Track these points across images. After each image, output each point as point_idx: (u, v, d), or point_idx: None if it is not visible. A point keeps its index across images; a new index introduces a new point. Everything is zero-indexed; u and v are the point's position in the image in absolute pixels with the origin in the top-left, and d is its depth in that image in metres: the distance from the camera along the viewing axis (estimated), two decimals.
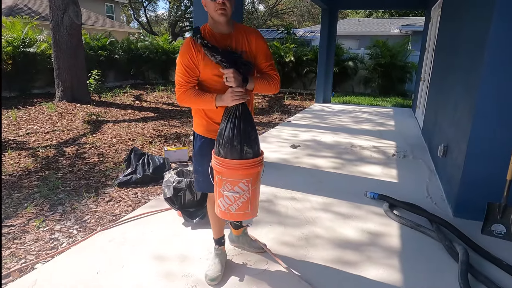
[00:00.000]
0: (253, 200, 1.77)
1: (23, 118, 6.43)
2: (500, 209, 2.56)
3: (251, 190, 1.73)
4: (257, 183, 1.75)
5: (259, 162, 1.73)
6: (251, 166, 1.69)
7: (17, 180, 3.57)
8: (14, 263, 2.17)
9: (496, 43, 2.47)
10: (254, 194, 1.76)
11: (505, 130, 2.55)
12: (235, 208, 1.74)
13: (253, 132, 1.71)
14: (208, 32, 1.78)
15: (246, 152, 1.68)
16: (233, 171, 1.68)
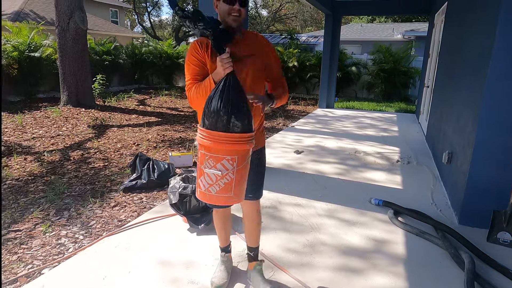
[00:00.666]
0: (238, 183, 1.58)
1: (28, 123, 6.48)
2: (505, 217, 2.55)
3: (236, 171, 1.55)
4: (243, 163, 1.57)
5: (248, 138, 1.55)
6: (237, 141, 1.52)
7: (23, 185, 3.59)
8: (21, 268, 2.19)
9: (501, 52, 2.48)
10: (239, 176, 1.57)
11: (508, 138, 2.55)
12: (216, 190, 1.57)
13: (244, 104, 1.55)
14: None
15: (234, 125, 1.52)
16: (217, 144, 1.51)
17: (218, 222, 2.05)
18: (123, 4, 23.87)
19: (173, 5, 1.61)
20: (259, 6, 31.47)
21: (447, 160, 3.53)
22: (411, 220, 2.87)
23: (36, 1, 14.53)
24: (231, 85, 1.53)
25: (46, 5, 14.70)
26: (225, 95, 1.51)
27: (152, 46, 13.74)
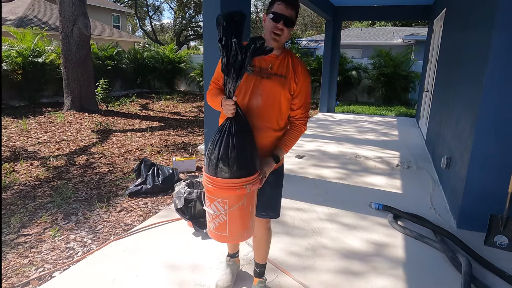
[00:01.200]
0: (232, 225, 1.63)
1: (33, 128, 6.57)
2: (502, 221, 2.62)
3: (228, 213, 1.60)
4: (236, 206, 1.59)
5: (237, 185, 1.55)
6: (224, 187, 1.55)
7: (30, 190, 3.67)
8: (33, 271, 2.26)
9: (496, 60, 2.56)
10: (232, 218, 1.61)
11: (506, 143, 2.62)
12: (213, 227, 1.66)
13: (236, 151, 1.55)
14: None
15: (221, 169, 1.55)
16: (207, 186, 1.60)
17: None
18: (125, 9, 24.07)
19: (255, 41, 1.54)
20: (259, 10, 31.68)
21: (446, 165, 3.60)
22: (410, 224, 2.94)
23: (39, 7, 14.69)
24: (226, 132, 1.57)
25: (49, 10, 14.86)
26: (219, 140, 1.56)
27: (154, 50, 13.86)
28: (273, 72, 1.70)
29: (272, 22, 1.63)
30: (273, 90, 1.69)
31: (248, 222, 1.67)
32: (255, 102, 1.69)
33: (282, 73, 1.71)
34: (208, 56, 3.05)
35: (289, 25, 1.64)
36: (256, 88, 1.68)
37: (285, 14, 1.61)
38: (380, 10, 8.34)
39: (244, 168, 1.57)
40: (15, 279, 2.18)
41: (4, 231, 2.78)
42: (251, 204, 1.66)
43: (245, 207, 1.62)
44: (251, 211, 1.67)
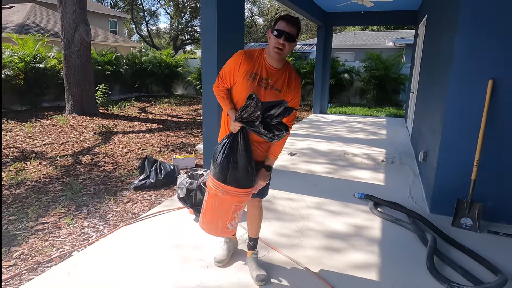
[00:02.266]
0: (205, 213, 2.03)
1: (37, 131, 6.86)
2: (467, 204, 2.97)
3: (205, 201, 2.02)
4: (210, 201, 1.99)
5: (215, 185, 1.94)
6: (209, 180, 1.98)
7: (42, 186, 3.98)
8: (54, 251, 2.57)
9: (459, 62, 2.92)
10: (207, 208, 2.01)
11: (468, 136, 2.98)
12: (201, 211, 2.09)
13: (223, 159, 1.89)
14: (262, 57, 1.95)
15: (211, 165, 1.96)
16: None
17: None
18: (122, 14, 24.40)
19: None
20: (255, 14, 32.15)
21: (423, 158, 3.95)
22: (388, 210, 3.28)
23: (38, 14, 14.99)
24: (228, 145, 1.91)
25: (48, 17, 15.15)
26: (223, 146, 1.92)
27: (152, 55, 14.20)
28: (271, 84, 1.91)
29: (275, 38, 1.84)
30: (269, 100, 1.90)
31: (216, 221, 2.02)
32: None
33: (278, 87, 1.93)
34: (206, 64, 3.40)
35: (290, 41, 1.84)
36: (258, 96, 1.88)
37: (287, 31, 1.82)
38: (369, 15, 8.74)
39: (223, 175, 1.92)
40: (39, 257, 2.49)
41: (23, 220, 3.09)
42: (222, 209, 1.98)
43: (215, 207, 1.99)
44: (220, 214, 2.00)
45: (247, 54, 1.94)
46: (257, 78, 1.91)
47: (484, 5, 2.78)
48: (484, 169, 2.98)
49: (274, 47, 1.84)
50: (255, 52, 1.95)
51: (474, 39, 2.85)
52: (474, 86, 2.91)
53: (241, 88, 1.93)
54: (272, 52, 1.86)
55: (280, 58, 1.89)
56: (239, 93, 1.96)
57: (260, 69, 1.91)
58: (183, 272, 2.29)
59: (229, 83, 1.98)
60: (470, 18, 2.84)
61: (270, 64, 1.93)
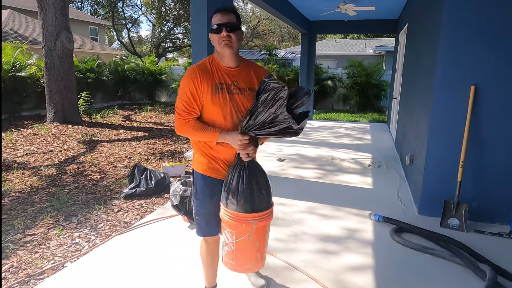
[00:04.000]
0: (239, 255, 1.76)
1: (18, 140, 6.66)
2: (454, 205, 3.08)
3: (235, 243, 1.73)
4: (241, 239, 1.71)
5: (242, 219, 1.68)
6: (231, 218, 1.69)
7: (27, 196, 3.86)
8: (46, 263, 2.50)
9: (442, 68, 3.05)
10: (240, 248, 1.74)
11: (453, 139, 3.10)
12: (224, 253, 1.81)
13: (245, 187, 1.67)
14: (215, 64, 1.73)
15: (230, 201, 1.69)
16: (221, 215, 1.76)
17: (206, 257, 1.96)
18: (102, 21, 24.09)
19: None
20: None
21: (410, 162, 4.07)
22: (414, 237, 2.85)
23: (16, 20, 14.61)
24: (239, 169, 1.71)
25: (26, 24, 14.79)
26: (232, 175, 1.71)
27: (134, 62, 14.06)
28: (240, 87, 1.73)
29: (216, 34, 1.65)
30: (246, 104, 1.73)
31: (255, 255, 1.78)
32: (235, 118, 1.73)
33: (250, 86, 1.76)
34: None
35: (234, 30, 1.65)
36: (235, 106, 1.72)
37: (225, 21, 1.64)
38: (351, 24, 8.97)
39: (251, 204, 1.69)
40: (30, 270, 2.42)
41: (10, 232, 2.99)
42: (259, 238, 1.76)
43: (252, 241, 1.72)
44: (258, 246, 1.76)
45: (200, 68, 1.70)
46: (224, 87, 1.70)
47: (466, 13, 2.93)
48: (468, 170, 3.11)
49: (219, 42, 1.65)
50: (205, 62, 1.74)
51: (456, 46, 2.99)
52: (457, 91, 3.04)
53: (213, 108, 1.68)
54: (221, 48, 1.67)
55: (233, 52, 1.69)
56: (212, 115, 1.71)
57: (221, 76, 1.71)
58: (180, 281, 2.27)
59: (198, 109, 1.70)
60: (452, 26, 2.97)
61: (227, 65, 1.73)
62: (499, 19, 2.85)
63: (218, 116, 1.71)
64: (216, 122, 1.71)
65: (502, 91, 2.95)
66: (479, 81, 2.98)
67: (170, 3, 26.73)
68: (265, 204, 1.75)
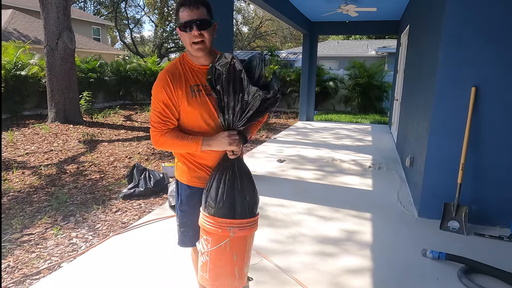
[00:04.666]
0: (213, 266, 1.54)
1: (19, 139, 6.67)
2: (454, 208, 3.05)
3: (210, 252, 1.52)
4: (218, 247, 1.51)
5: (219, 225, 1.49)
6: (207, 223, 1.51)
7: (26, 196, 3.86)
8: (42, 263, 2.49)
9: (443, 70, 3.03)
10: (214, 259, 1.53)
11: (453, 141, 3.08)
12: (199, 265, 1.60)
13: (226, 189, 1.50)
14: (187, 64, 1.55)
15: (208, 204, 1.52)
16: (200, 219, 1.57)
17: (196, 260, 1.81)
18: (105, 22, 24.17)
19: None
20: (240, 23, 32.42)
21: (410, 164, 4.05)
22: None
23: (18, 20, 14.67)
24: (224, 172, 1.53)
25: (29, 24, 14.85)
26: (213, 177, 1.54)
27: (136, 63, 14.08)
28: None
29: (186, 33, 1.44)
30: None
31: (231, 268, 1.55)
32: (217, 120, 1.57)
33: None
34: None
35: (205, 27, 1.44)
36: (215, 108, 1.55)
37: (195, 18, 1.42)
38: (353, 25, 8.95)
39: (230, 209, 1.50)
40: (26, 270, 2.41)
41: (7, 232, 2.98)
42: (237, 251, 1.54)
43: (228, 251, 1.52)
44: (235, 260, 1.55)
45: (171, 71, 1.52)
46: (201, 88, 1.53)
47: (467, 15, 2.90)
48: (468, 173, 3.08)
49: (191, 44, 1.46)
50: (176, 64, 1.55)
51: (457, 48, 2.97)
52: (458, 93, 3.02)
53: (191, 113, 1.52)
54: (193, 51, 1.48)
55: (207, 52, 1.51)
56: (191, 121, 1.54)
57: (196, 76, 1.53)
58: (177, 283, 2.26)
59: (175, 118, 1.53)
60: (454, 26, 2.95)
61: (201, 64, 1.55)
62: (502, 19, 2.83)
63: (198, 121, 1.54)
64: (196, 128, 1.55)
65: (503, 92, 2.92)
66: (479, 82, 2.95)
67: (172, 3, 26.77)
68: (248, 212, 1.54)
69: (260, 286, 2.22)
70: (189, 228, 1.69)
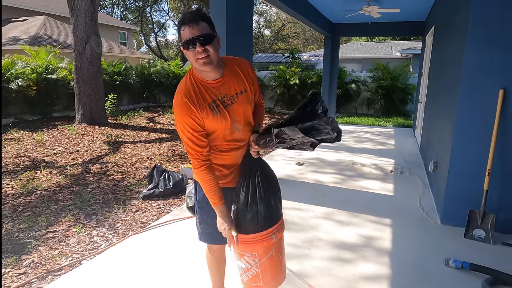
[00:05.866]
0: (265, 274, 1.64)
1: (48, 140, 6.96)
2: (479, 215, 2.92)
3: (260, 265, 1.61)
4: (265, 257, 1.60)
5: (263, 237, 1.57)
6: (251, 242, 1.57)
7: (52, 194, 4.01)
8: (64, 260, 2.59)
9: (469, 71, 2.91)
10: (265, 268, 1.62)
11: (479, 146, 2.95)
12: (246, 279, 1.68)
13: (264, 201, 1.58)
14: (198, 81, 1.53)
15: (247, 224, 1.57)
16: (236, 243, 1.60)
17: (213, 265, 1.93)
18: (131, 26, 24.90)
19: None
20: (261, 26, 32.53)
21: (433, 169, 3.91)
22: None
23: (50, 26, 15.36)
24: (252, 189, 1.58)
25: (60, 29, 15.52)
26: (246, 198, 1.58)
27: (160, 66, 14.40)
28: (232, 94, 1.57)
29: (189, 51, 1.43)
30: (243, 109, 1.62)
31: (280, 268, 1.70)
32: (237, 129, 1.62)
33: (240, 89, 1.60)
34: None
35: (208, 42, 1.42)
36: (233, 117, 1.58)
37: (196, 35, 1.40)
38: (375, 26, 8.79)
39: (271, 218, 1.61)
40: (49, 266, 2.51)
41: (33, 228, 3.11)
42: (280, 251, 1.68)
43: (275, 255, 1.63)
44: (280, 258, 1.68)
45: (188, 95, 1.50)
46: (219, 103, 1.54)
47: (493, 14, 2.78)
48: (495, 179, 2.94)
49: (196, 60, 1.44)
50: (188, 86, 1.53)
51: (483, 49, 2.84)
52: (484, 96, 2.89)
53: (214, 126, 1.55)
54: (200, 66, 1.46)
55: (214, 66, 1.49)
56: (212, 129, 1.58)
57: (211, 93, 1.53)
58: (192, 282, 2.28)
59: (206, 139, 1.57)
60: (480, 28, 2.83)
61: (212, 79, 1.54)
62: None
63: (219, 130, 1.58)
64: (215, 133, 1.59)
65: None
66: (508, 85, 2.82)
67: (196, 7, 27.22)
68: (279, 211, 1.66)
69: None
70: (208, 225, 1.75)
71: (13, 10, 16.35)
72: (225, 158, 1.67)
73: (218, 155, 1.65)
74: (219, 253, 1.89)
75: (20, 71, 9.02)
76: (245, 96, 1.62)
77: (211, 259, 1.90)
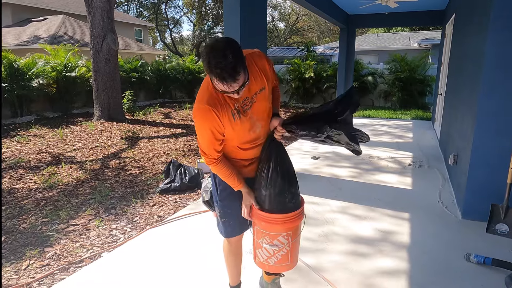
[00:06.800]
0: (293, 252, 1.72)
1: (68, 136, 7.15)
2: (502, 210, 2.82)
3: (291, 243, 1.67)
4: (297, 235, 1.70)
5: (300, 214, 1.67)
6: (291, 220, 1.63)
7: (73, 189, 4.13)
8: (84, 252, 2.66)
9: (491, 61, 2.80)
10: (294, 246, 1.70)
11: (502, 139, 2.85)
12: (274, 261, 1.71)
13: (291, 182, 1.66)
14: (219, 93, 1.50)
15: (289, 202, 1.63)
16: (273, 225, 1.63)
17: (231, 258, 1.94)
18: (146, 23, 25.16)
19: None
20: (276, 19, 32.28)
21: (453, 162, 3.81)
22: None
23: (69, 25, 15.69)
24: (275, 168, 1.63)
25: (78, 28, 15.84)
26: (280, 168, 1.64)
27: (175, 62, 14.52)
28: (251, 95, 1.57)
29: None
30: (262, 106, 1.64)
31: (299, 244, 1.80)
32: (258, 128, 1.65)
33: (259, 88, 1.59)
34: None
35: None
36: (253, 118, 1.61)
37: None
38: (393, 16, 8.57)
39: (298, 195, 1.71)
40: (70, 258, 2.58)
41: (55, 222, 3.21)
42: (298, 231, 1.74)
43: (300, 233, 1.74)
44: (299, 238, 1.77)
45: (212, 103, 1.49)
46: (239, 108, 1.55)
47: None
48: None
49: (224, 92, 1.45)
50: (212, 93, 1.51)
51: (507, 37, 2.73)
52: (508, 85, 2.78)
53: (234, 131, 1.58)
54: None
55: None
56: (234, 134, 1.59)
57: (233, 99, 1.53)
58: (206, 276, 2.31)
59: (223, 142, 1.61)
60: (503, 14, 2.72)
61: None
62: None
63: (239, 132, 1.60)
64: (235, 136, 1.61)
65: None
66: None
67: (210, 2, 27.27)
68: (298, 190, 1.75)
69: (290, 284, 2.20)
70: (230, 217, 1.78)
71: (33, 10, 16.78)
72: (244, 154, 1.71)
73: (238, 151, 1.69)
74: (237, 245, 1.91)
75: (40, 70, 9.26)
76: (263, 94, 1.62)
77: (229, 251, 1.91)
